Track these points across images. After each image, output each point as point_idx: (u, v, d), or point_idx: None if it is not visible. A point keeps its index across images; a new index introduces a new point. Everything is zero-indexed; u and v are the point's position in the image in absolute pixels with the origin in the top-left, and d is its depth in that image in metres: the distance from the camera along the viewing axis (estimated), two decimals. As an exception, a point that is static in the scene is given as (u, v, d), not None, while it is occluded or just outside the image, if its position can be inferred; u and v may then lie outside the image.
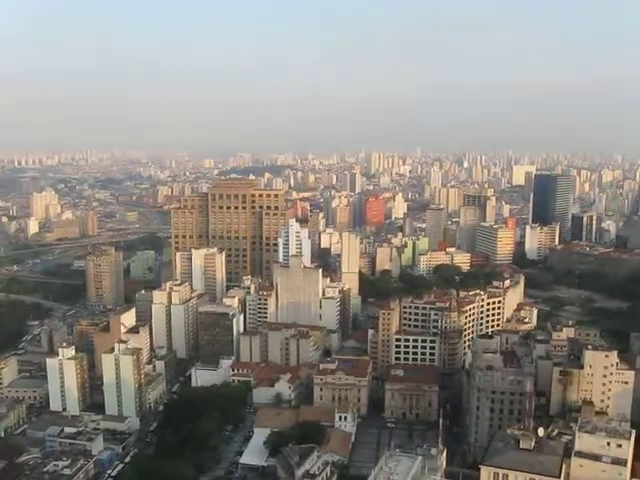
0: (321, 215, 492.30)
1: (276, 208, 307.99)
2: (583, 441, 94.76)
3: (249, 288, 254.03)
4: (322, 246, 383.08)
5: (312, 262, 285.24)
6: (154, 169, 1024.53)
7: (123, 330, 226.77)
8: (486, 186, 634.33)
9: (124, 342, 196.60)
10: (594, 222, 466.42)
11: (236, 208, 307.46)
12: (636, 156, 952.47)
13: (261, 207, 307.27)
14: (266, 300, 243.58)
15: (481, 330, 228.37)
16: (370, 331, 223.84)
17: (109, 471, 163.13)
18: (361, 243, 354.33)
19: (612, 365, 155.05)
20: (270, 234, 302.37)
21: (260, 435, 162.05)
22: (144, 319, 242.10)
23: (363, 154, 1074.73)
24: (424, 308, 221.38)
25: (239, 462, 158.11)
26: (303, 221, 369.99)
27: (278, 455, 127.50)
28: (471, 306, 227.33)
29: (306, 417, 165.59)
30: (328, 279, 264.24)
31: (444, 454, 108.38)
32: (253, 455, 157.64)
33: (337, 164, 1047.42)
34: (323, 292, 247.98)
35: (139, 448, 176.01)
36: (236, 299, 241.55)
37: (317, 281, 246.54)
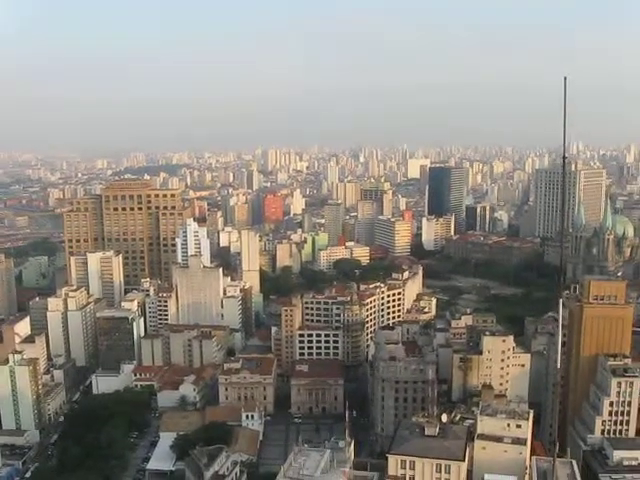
0: (219, 214, 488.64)
1: (173, 208, 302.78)
2: (485, 424, 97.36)
3: (148, 290, 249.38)
4: (221, 245, 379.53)
5: (212, 261, 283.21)
6: (44, 171, 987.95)
7: (17, 340, 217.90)
8: (382, 180, 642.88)
9: (19, 352, 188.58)
10: (487, 212, 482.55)
11: (131, 209, 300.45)
12: (525, 147, 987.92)
13: (157, 207, 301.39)
14: (166, 302, 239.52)
15: (382, 322, 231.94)
16: (273, 328, 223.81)
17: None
18: (260, 240, 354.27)
19: (509, 349, 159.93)
20: (168, 235, 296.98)
21: (166, 439, 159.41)
22: (39, 327, 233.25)
23: (260, 151, 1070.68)
24: (326, 303, 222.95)
25: (146, 468, 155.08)
26: (201, 220, 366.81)
27: (186, 458, 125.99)
28: (372, 299, 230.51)
29: (212, 418, 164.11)
30: (229, 278, 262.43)
31: (352, 446, 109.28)
32: (160, 460, 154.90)
33: (234, 162, 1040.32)
34: (224, 291, 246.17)
35: (40, 462, 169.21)
36: (135, 302, 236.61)
37: (217, 280, 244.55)
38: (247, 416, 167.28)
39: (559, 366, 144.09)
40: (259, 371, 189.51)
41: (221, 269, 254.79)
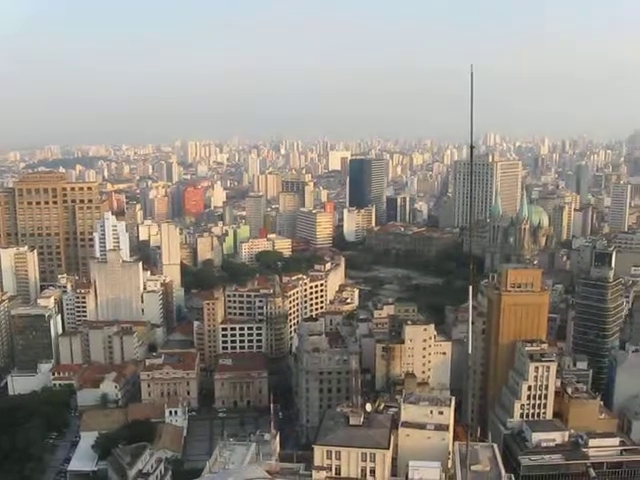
0: (138, 207, 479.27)
1: (90, 201, 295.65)
2: (408, 412, 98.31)
3: (65, 287, 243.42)
4: (141, 239, 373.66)
5: (131, 256, 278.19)
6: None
7: None
8: (304, 172, 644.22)
9: None
10: (407, 203, 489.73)
11: (46, 203, 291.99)
12: (443, 140, 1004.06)
13: (74, 201, 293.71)
14: (84, 298, 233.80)
15: (306, 313, 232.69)
16: (195, 322, 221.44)
17: None
18: (181, 234, 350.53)
19: (430, 338, 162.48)
20: (85, 229, 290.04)
21: (88, 439, 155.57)
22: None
23: (179, 143, 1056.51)
24: (248, 296, 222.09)
25: (67, 470, 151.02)
26: (119, 214, 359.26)
27: (108, 458, 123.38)
28: (295, 291, 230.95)
29: (135, 415, 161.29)
30: (149, 272, 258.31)
31: (277, 438, 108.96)
32: (82, 460, 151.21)
33: (152, 154, 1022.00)
34: (144, 286, 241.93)
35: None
36: (52, 299, 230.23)
37: (137, 275, 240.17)
38: (170, 412, 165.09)
39: (470, 352, 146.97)
40: (182, 366, 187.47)
41: (141, 263, 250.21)
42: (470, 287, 71.66)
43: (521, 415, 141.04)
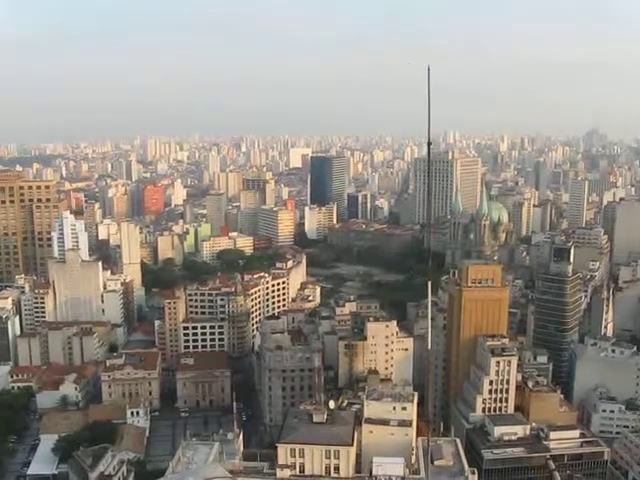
0: (97, 205, 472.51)
1: (48, 200, 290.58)
2: (371, 408, 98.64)
3: (23, 287, 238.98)
4: (100, 238, 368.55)
5: (90, 255, 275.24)
6: None
7: None
8: (265, 169, 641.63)
9: None
10: (369, 201, 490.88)
11: (3, 202, 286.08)
12: (404, 137, 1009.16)
13: (31, 200, 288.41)
14: (43, 299, 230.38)
15: (268, 311, 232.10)
16: (157, 322, 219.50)
17: None
18: (141, 232, 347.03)
19: (392, 334, 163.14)
20: (43, 228, 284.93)
21: (48, 442, 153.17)
22: None
23: (139, 141, 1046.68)
24: (210, 294, 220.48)
25: (27, 474, 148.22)
26: (78, 213, 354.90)
27: (69, 460, 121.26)
28: (256, 289, 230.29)
29: (96, 417, 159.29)
30: (109, 272, 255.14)
31: (241, 437, 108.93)
32: (42, 464, 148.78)
33: (112, 152, 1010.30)
34: (104, 286, 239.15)
35: None
36: (9, 300, 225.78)
37: (97, 275, 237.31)
38: (132, 413, 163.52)
39: (429, 347, 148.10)
40: (143, 366, 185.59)
41: (100, 263, 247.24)
42: (429, 283, 72.04)
43: (483, 409, 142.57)
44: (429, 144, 59.20)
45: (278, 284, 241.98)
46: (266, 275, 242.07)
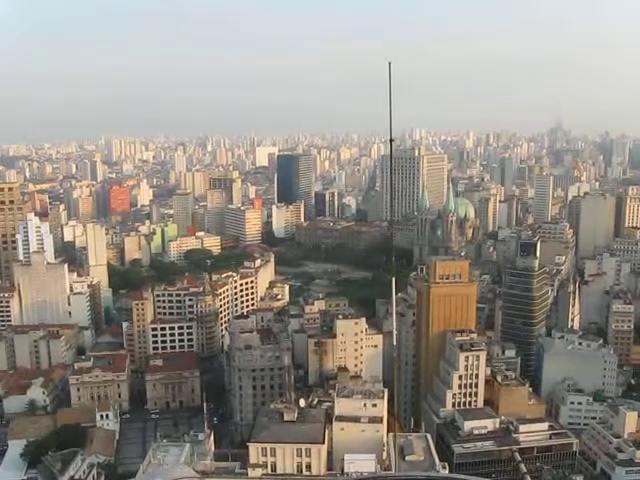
0: (62, 207, 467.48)
1: (11, 202, 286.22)
2: (342, 406, 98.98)
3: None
4: (66, 240, 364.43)
5: (56, 257, 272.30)
6: None
7: None
8: (231, 168, 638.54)
9: None
10: (336, 198, 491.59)
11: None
12: (369, 134, 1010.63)
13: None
14: (8, 302, 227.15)
15: (236, 311, 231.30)
16: (124, 323, 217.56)
17: None
18: (107, 234, 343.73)
19: (362, 331, 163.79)
20: (7, 231, 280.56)
21: (16, 447, 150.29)
22: None
23: (103, 141, 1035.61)
24: (178, 295, 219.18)
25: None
26: (43, 215, 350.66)
27: (38, 465, 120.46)
28: (225, 288, 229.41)
29: (65, 421, 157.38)
30: (75, 274, 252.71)
31: (212, 437, 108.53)
32: (10, 470, 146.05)
33: (76, 152, 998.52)
34: (71, 288, 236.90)
35: None
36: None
37: (63, 277, 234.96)
38: (102, 416, 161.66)
39: (395, 343, 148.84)
40: (112, 368, 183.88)
41: (66, 265, 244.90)
42: (393, 280, 72.23)
43: (453, 404, 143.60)
44: (391, 141, 59.33)
45: (246, 283, 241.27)
46: (234, 274, 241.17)
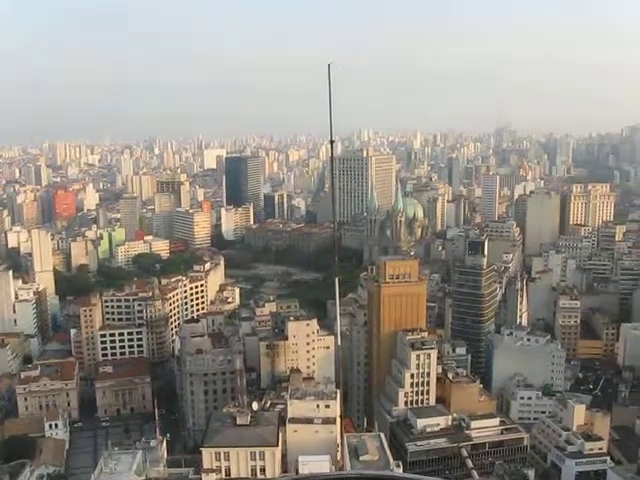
0: (6, 212, 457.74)
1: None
2: (295, 407, 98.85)
3: None
4: (10, 246, 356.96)
5: (0, 264, 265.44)
6: None
7: None
8: (179, 171, 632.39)
9: None
10: (285, 200, 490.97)
11: None
12: (318, 136, 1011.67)
13: None
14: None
15: (187, 315, 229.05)
16: (72, 330, 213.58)
17: None
18: (53, 239, 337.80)
19: (313, 332, 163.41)
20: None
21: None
22: None
23: (47, 145, 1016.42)
24: (127, 300, 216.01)
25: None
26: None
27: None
28: (174, 292, 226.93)
29: (12, 432, 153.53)
30: (20, 281, 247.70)
31: (164, 444, 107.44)
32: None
33: (19, 156, 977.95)
34: (16, 295, 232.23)
35: None
36: None
37: (8, 284, 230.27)
38: (50, 425, 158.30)
39: (339, 343, 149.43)
40: (60, 377, 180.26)
41: (11, 272, 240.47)
42: (336, 280, 72.54)
43: (405, 403, 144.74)
44: (332, 142, 59.98)
45: (196, 287, 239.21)
46: (184, 278, 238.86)
